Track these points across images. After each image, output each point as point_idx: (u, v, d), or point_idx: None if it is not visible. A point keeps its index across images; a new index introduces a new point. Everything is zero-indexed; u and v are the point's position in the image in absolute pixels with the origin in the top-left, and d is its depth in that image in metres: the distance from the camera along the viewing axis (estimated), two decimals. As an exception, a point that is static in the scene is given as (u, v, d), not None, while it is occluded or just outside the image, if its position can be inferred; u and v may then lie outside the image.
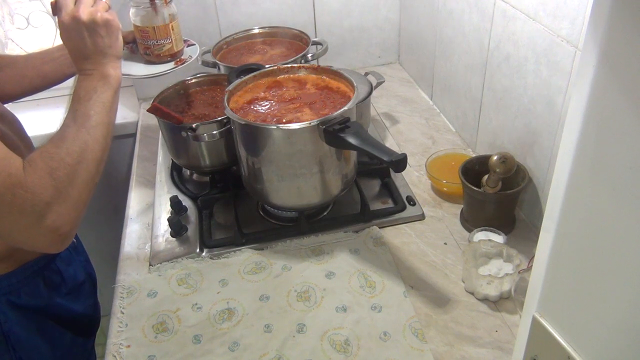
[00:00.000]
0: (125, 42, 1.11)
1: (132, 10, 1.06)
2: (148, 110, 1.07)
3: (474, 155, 1.12)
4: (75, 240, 1.04)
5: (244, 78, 1.08)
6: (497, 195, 0.99)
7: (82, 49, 0.82)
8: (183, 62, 1.12)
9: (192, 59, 1.14)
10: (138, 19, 1.07)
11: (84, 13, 0.80)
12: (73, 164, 0.75)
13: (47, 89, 1.07)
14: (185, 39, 1.19)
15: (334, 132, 0.90)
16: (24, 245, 0.77)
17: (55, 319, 0.95)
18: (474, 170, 1.05)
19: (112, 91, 0.83)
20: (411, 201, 1.12)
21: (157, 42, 1.09)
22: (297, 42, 1.39)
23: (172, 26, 1.09)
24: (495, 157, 0.97)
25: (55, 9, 0.83)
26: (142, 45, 1.10)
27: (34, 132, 1.05)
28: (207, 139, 1.07)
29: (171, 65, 1.11)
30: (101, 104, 0.81)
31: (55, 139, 0.76)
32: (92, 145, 0.77)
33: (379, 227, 1.07)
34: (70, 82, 1.10)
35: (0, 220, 0.70)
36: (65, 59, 1.02)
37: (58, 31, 0.86)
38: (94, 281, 1.10)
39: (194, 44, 1.19)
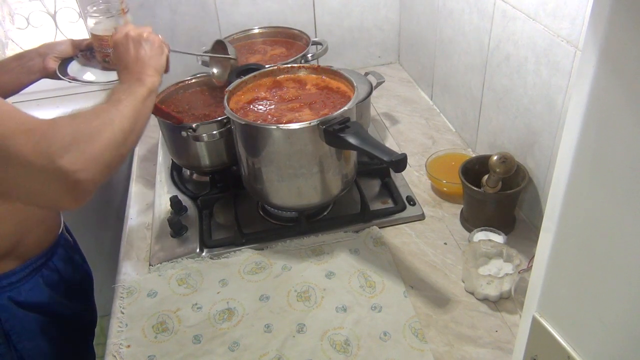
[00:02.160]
0: (80, 49, 1.12)
1: (90, 20, 1.10)
2: None
3: (474, 155, 1.12)
4: (71, 240, 1.05)
5: (244, 78, 1.08)
6: (497, 195, 0.99)
7: (126, 59, 0.90)
8: None
9: None
10: (97, 27, 1.10)
11: (133, 31, 0.92)
12: (97, 125, 0.75)
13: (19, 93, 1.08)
14: None
15: (334, 132, 0.90)
16: (39, 195, 0.74)
17: (55, 317, 0.96)
18: (474, 170, 1.05)
19: (146, 89, 0.86)
20: (411, 201, 1.12)
21: None
22: (297, 42, 1.39)
23: None
24: (495, 157, 0.97)
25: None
26: (101, 53, 1.12)
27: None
28: (207, 139, 1.07)
29: None
30: (133, 95, 0.83)
31: (84, 109, 0.78)
32: (120, 118, 0.79)
33: (379, 227, 1.07)
34: (66, 84, 1.11)
35: (14, 166, 0.68)
36: (22, 68, 1.04)
37: (57, 31, 0.87)
38: (91, 280, 1.11)
39: None
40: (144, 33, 0.92)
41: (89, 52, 1.13)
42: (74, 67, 1.13)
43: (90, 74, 1.13)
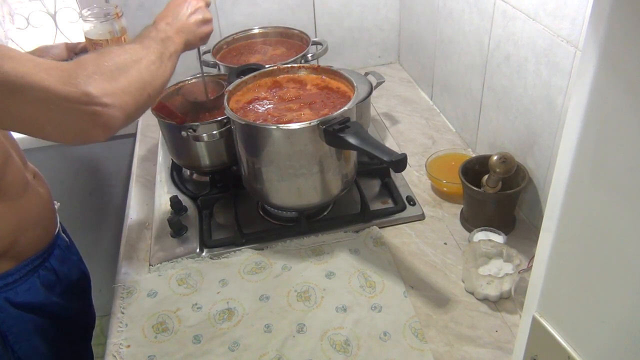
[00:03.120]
0: (75, 53, 1.13)
1: (85, 24, 1.10)
2: (154, 108, 1.08)
3: (474, 155, 1.12)
4: (67, 240, 1.04)
5: (244, 78, 1.08)
6: (497, 195, 0.99)
7: (176, 13, 0.93)
8: None
9: None
10: (91, 32, 1.11)
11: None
12: (125, 60, 0.76)
13: None
14: None
15: (334, 132, 0.90)
16: (68, 127, 0.72)
17: (52, 317, 0.95)
18: (474, 170, 1.05)
19: (176, 48, 0.89)
20: (411, 201, 1.12)
21: None
22: (297, 42, 1.39)
23: (124, 39, 1.13)
24: (495, 157, 0.97)
25: None
26: None
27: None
28: (207, 139, 1.07)
29: None
30: (165, 46, 0.86)
31: (112, 47, 0.80)
32: (148, 60, 0.81)
33: (379, 227, 1.07)
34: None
35: (40, 101, 0.68)
36: None
37: (57, 31, 0.89)
38: (88, 280, 1.11)
39: None
40: (202, 4, 0.96)
41: (83, 54, 1.14)
42: None
43: None
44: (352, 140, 0.89)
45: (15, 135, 0.96)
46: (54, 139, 0.75)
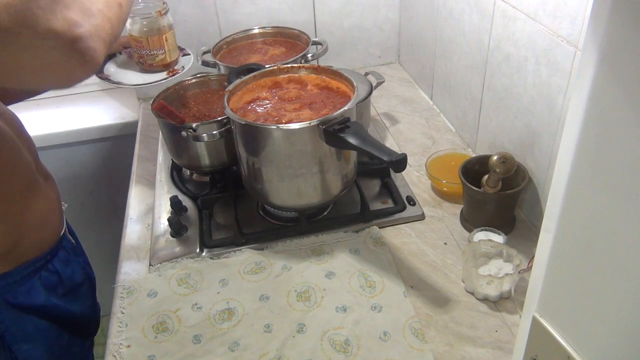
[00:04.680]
0: (124, 47, 1.11)
1: (127, 21, 1.07)
2: (154, 108, 1.08)
3: (474, 155, 1.12)
4: (74, 241, 1.04)
5: (244, 78, 1.08)
6: (497, 195, 0.99)
7: None
8: (175, 72, 1.14)
9: (185, 70, 1.16)
10: (133, 28, 1.09)
11: None
12: None
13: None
14: (182, 47, 1.21)
15: (334, 132, 0.90)
16: (47, 71, 0.65)
17: (52, 319, 0.94)
18: (474, 170, 1.05)
19: None
20: (411, 201, 1.12)
21: (150, 52, 1.10)
22: (297, 42, 1.39)
23: (165, 37, 1.11)
24: (495, 157, 0.97)
25: None
26: (137, 53, 1.11)
27: (34, 132, 1.05)
28: (207, 139, 1.07)
29: (163, 75, 1.13)
30: None
31: None
32: None
33: (379, 227, 1.07)
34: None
35: (3, 51, 0.60)
36: None
37: None
38: (93, 283, 1.10)
39: (189, 54, 1.21)
40: None
41: (132, 49, 1.13)
42: (110, 67, 1.14)
43: (129, 75, 1.13)
44: (352, 140, 0.89)
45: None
46: (36, 87, 0.67)
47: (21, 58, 0.62)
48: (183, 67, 1.16)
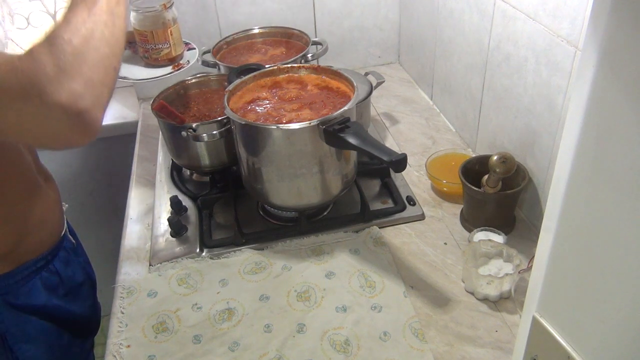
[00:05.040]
0: (128, 42, 1.11)
1: (131, 14, 1.07)
2: (154, 108, 1.07)
3: (474, 155, 1.12)
4: (74, 242, 1.04)
5: (244, 78, 1.08)
6: (497, 195, 0.99)
7: None
8: (180, 67, 1.13)
9: (190, 64, 1.15)
10: (137, 22, 1.07)
11: None
12: (78, 44, 0.68)
13: None
14: (187, 41, 1.20)
15: (334, 132, 0.90)
16: (48, 137, 0.68)
17: (52, 320, 0.94)
18: (474, 170, 1.05)
19: None
20: (411, 201, 1.12)
21: (155, 46, 1.09)
22: (297, 42, 1.39)
23: (170, 31, 1.10)
24: (495, 157, 0.97)
25: None
26: (141, 48, 1.10)
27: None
28: (207, 139, 1.07)
29: (169, 69, 1.12)
30: None
31: (61, 24, 0.70)
32: (101, 27, 0.72)
33: (379, 227, 1.07)
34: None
35: (8, 113, 0.62)
36: None
37: None
38: (94, 283, 1.10)
39: (194, 48, 1.20)
40: None
41: (135, 44, 1.12)
42: None
43: (134, 70, 1.12)
44: (352, 140, 0.89)
45: None
46: (40, 146, 0.71)
47: (25, 124, 0.65)
48: (188, 61, 1.15)
